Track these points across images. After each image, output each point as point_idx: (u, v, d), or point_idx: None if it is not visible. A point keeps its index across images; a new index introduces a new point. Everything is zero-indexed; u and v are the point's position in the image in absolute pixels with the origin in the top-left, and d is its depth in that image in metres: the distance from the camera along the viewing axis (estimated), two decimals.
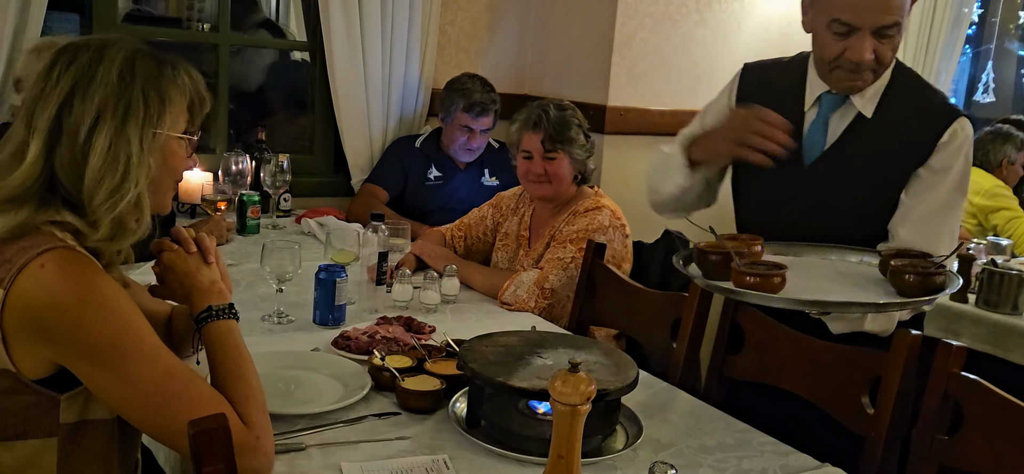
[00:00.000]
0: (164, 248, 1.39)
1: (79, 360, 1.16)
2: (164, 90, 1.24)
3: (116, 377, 1.16)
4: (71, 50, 1.22)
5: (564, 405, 1.10)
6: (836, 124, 1.74)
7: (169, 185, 1.31)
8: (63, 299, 1.13)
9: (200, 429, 0.94)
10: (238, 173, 2.82)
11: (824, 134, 1.75)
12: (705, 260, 1.55)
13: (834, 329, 1.69)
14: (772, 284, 1.44)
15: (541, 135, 2.38)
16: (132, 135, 1.20)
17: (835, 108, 1.74)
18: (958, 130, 1.67)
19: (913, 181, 1.68)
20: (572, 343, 1.59)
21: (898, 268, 1.51)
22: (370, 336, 1.79)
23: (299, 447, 1.34)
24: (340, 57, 3.12)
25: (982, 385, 1.44)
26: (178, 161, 1.29)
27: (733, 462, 1.43)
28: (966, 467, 1.45)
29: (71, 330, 1.14)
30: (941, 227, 1.69)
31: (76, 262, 1.16)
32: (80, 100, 1.18)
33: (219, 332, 1.32)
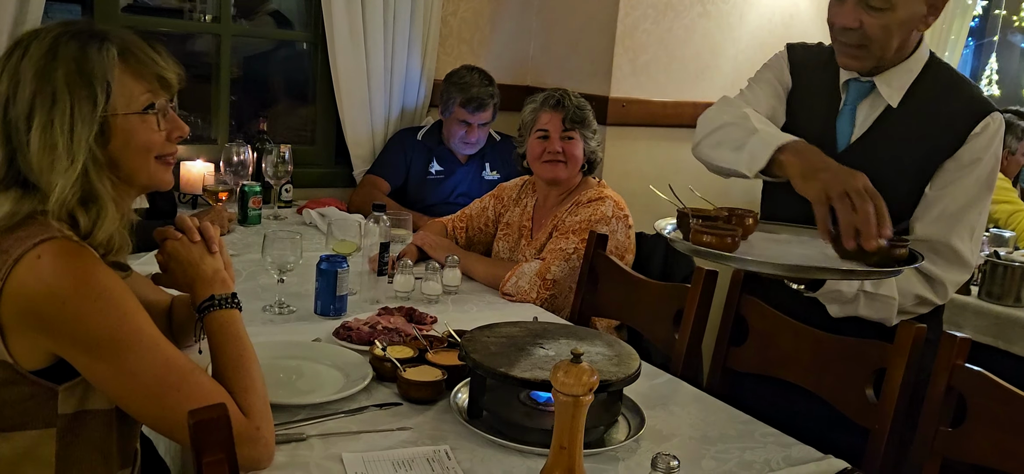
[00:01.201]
0: (167, 236, 1.39)
1: (77, 351, 1.16)
2: (93, 72, 1.18)
3: (114, 368, 1.16)
4: (11, 47, 1.21)
5: (566, 396, 1.09)
6: (864, 113, 1.71)
7: (144, 163, 1.25)
8: (61, 290, 1.12)
9: (200, 419, 0.94)
10: (239, 164, 2.81)
11: (852, 122, 1.72)
12: (684, 223, 1.53)
13: (833, 313, 1.66)
14: (726, 243, 1.41)
15: (562, 114, 2.40)
16: (59, 125, 1.16)
17: (862, 96, 1.72)
18: (990, 123, 1.63)
19: (938, 174, 1.64)
20: (574, 334, 1.59)
21: None
22: (371, 326, 1.78)
23: (300, 437, 1.34)
24: (342, 47, 3.11)
25: (986, 377, 1.44)
26: (144, 137, 1.24)
27: (736, 453, 1.42)
28: (970, 459, 1.44)
29: (69, 321, 1.13)
30: (962, 222, 1.65)
31: (73, 253, 1.15)
32: (13, 98, 1.19)
33: (221, 321, 1.32)
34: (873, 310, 1.66)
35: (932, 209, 1.65)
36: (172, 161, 1.30)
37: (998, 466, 1.39)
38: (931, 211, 1.65)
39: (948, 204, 1.64)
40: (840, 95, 1.75)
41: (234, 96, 3.28)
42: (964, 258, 1.66)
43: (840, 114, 1.74)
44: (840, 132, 1.74)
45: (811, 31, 3.38)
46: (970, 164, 1.63)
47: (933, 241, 1.64)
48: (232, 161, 2.80)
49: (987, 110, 1.65)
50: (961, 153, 1.63)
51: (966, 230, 1.66)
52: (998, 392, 1.41)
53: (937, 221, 1.64)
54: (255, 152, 2.93)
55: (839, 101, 1.75)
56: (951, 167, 1.64)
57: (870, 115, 1.71)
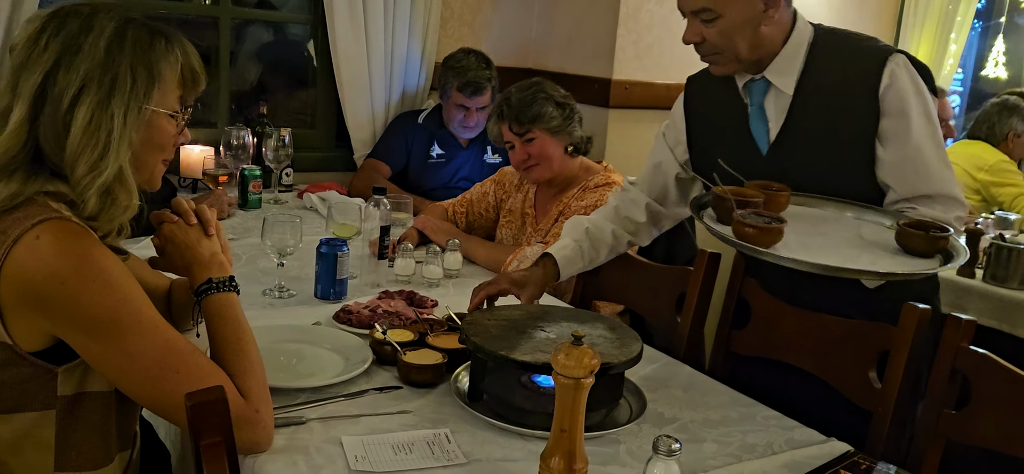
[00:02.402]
0: (164, 219, 1.38)
1: (76, 332, 1.15)
2: (154, 65, 1.20)
3: (113, 350, 1.15)
4: (61, 16, 1.19)
5: (567, 378, 1.09)
6: (773, 108, 1.71)
7: (155, 161, 1.27)
8: (60, 270, 1.11)
9: (197, 402, 0.93)
10: (239, 147, 2.80)
11: (765, 121, 1.73)
12: (720, 205, 1.52)
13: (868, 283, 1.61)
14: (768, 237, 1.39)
15: (507, 122, 2.35)
16: (116, 109, 1.16)
17: (763, 93, 1.72)
18: (895, 68, 1.61)
19: (882, 135, 1.62)
20: (575, 317, 1.58)
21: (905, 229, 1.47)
22: (372, 310, 1.77)
23: (300, 420, 1.33)
24: (342, 31, 3.09)
25: (991, 359, 1.43)
26: (165, 138, 1.26)
27: (738, 436, 1.41)
28: (974, 442, 1.43)
29: (68, 302, 1.12)
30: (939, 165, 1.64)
31: (73, 233, 1.14)
32: (65, 69, 1.16)
33: (219, 305, 1.31)
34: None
35: (903, 169, 1.63)
36: (167, 164, 1.31)
37: (1002, 449, 1.38)
38: (904, 171, 1.63)
39: (915, 158, 1.62)
40: (743, 101, 1.76)
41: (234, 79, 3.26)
42: (958, 196, 1.66)
43: (751, 118, 1.75)
44: (757, 135, 1.74)
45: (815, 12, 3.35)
46: (901, 115, 1.61)
47: (927, 195, 1.63)
48: (232, 145, 2.79)
49: (883, 59, 1.62)
50: (886, 109, 1.62)
51: (946, 170, 1.65)
52: (1003, 374, 1.40)
53: (919, 178, 1.62)
54: (255, 136, 2.91)
55: (746, 107, 1.75)
56: (889, 126, 1.62)
57: (779, 109, 1.71)
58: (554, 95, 2.36)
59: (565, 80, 3.14)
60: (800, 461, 1.33)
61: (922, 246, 1.46)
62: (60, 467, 1.21)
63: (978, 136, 3.76)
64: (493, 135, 2.45)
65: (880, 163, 1.64)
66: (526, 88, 2.37)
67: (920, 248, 1.46)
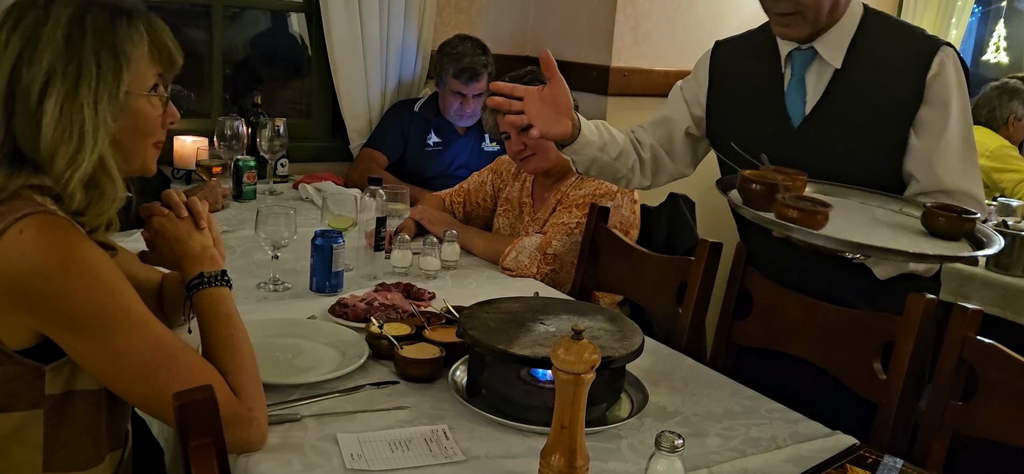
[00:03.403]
0: (154, 213, 1.35)
1: (62, 330, 1.12)
2: (119, 46, 1.15)
3: (101, 347, 1.12)
4: (17, 8, 1.15)
5: (567, 374, 1.06)
6: (813, 81, 1.70)
7: (144, 147, 1.23)
8: (44, 266, 1.08)
9: (186, 401, 0.90)
10: (233, 138, 2.76)
11: (803, 93, 1.71)
12: (748, 188, 1.49)
13: (880, 274, 1.63)
14: (815, 220, 1.37)
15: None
16: (85, 99, 1.12)
17: (807, 65, 1.70)
18: (945, 59, 1.61)
19: (918, 124, 1.62)
20: (575, 309, 1.55)
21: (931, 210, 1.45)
22: (368, 303, 1.74)
23: (294, 418, 1.30)
24: (336, 17, 3.05)
25: (998, 349, 1.40)
26: (148, 121, 1.22)
27: (741, 430, 1.39)
28: (980, 434, 1.41)
29: (53, 298, 1.09)
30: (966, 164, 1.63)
31: (58, 227, 1.11)
32: (28, 64, 1.12)
33: (211, 300, 1.28)
34: (922, 264, 1.63)
35: (932, 160, 1.62)
36: (160, 147, 1.27)
37: (1010, 440, 1.36)
38: (932, 163, 1.62)
39: (945, 151, 1.61)
40: (782, 72, 1.73)
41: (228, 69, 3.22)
42: (980, 198, 1.65)
43: (788, 90, 1.72)
44: (792, 107, 1.72)
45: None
46: (942, 106, 1.61)
47: (950, 191, 1.62)
48: (226, 135, 2.75)
49: (935, 48, 1.62)
50: (928, 98, 1.61)
51: (973, 171, 1.64)
52: (1011, 365, 1.37)
53: (945, 172, 1.61)
54: (249, 126, 2.87)
55: (783, 78, 1.73)
56: (928, 115, 1.61)
57: (820, 82, 1.69)
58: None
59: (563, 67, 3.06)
60: (805, 455, 1.31)
61: (947, 228, 1.44)
62: (49, 467, 1.18)
63: (978, 121, 3.72)
64: (488, 126, 2.42)
65: (910, 151, 1.63)
66: (520, 78, 2.32)
67: (945, 229, 1.44)
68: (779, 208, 1.40)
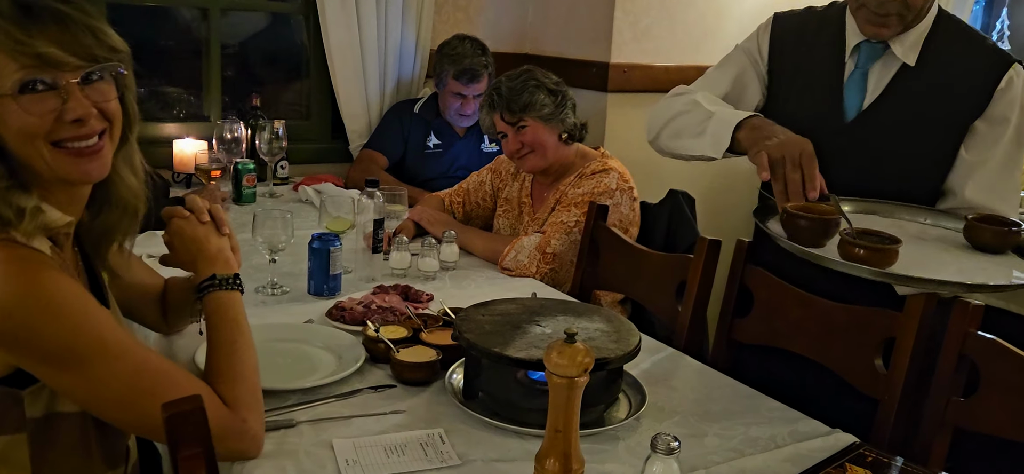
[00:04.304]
0: (175, 215, 1.35)
1: (35, 364, 1.09)
2: None
3: (79, 379, 1.09)
4: None
5: (560, 377, 1.05)
6: (877, 76, 1.65)
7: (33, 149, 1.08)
8: (5, 302, 1.03)
9: (174, 413, 0.89)
10: (232, 141, 2.76)
11: (863, 87, 1.66)
12: (796, 225, 1.45)
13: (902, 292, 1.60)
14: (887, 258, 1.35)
15: (498, 112, 2.31)
16: None
17: (875, 59, 1.65)
18: (1015, 77, 1.58)
19: (971, 135, 1.59)
20: (572, 310, 1.54)
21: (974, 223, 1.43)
22: (365, 306, 1.73)
23: (290, 424, 1.29)
24: (333, 18, 3.04)
25: (999, 344, 1.38)
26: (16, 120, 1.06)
27: (740, 429, 1.38)
28: (983, 430, 1.39)
29: (21, 335, 1.05)
30: (1008, 186, 1.61)
31: (15, 260, 1.06)
32: None
33: (219, 302, 1.28)
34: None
35: (975, 174, 1.59)
36: (82, 149, 1.11)
37: (1013, 436, 1.34)
38: (974, 177, 1.59)
39: (991, 168, 1.59)
40: (845, 62, 1.68)
41: (227, 71, 3.22)
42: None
43: (848, 81, 1.68)
44: (848, 100, 1.67)
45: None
46: (1001, 122, 1.58)
47: (985, 208, 1.59)
48: (225, 138, 2.75)
49: (1009, 62, 1.60)
50: (990, 112, 1.58)
51: (1013, 194, 1.62)
52: (1013, 360, 1.35)
53: (985, 188, 1.58)
54: (248, 128, 2.87)
55: (844, 68, 1.68)
56: (983, 128, 1.58)
57: (883, 78, 1.64)
58: (545, 82, 2.31)
59: (562, 65, 3.10)
60: (804, 454, 1.30)
61: (992, 241, 1.42)
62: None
63: None
64: (485, 126, 2.41)
65: (958, 163, 1.60)
66: (516, 76, 2.31)
67: (991, 243, 1.43)
68: (845, 248, 1.37)
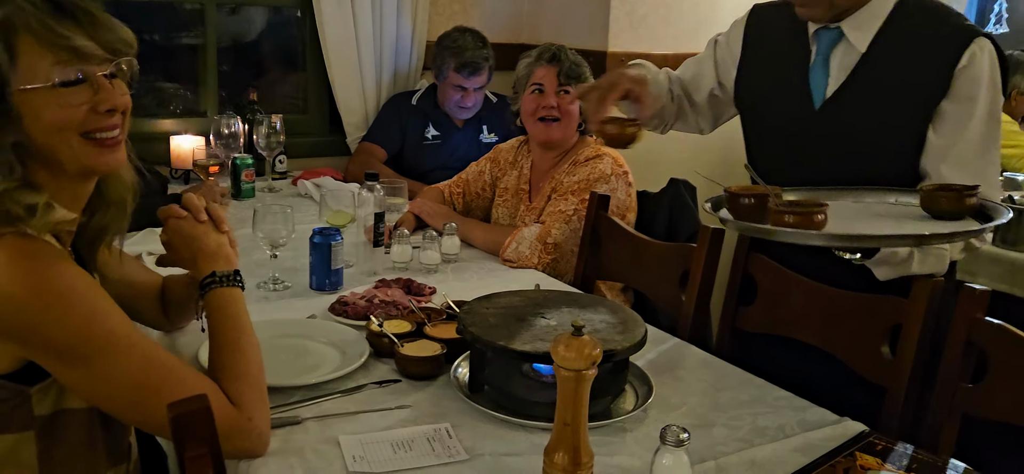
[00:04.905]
0: (172, 214, 1.33)
1: (47, 358, 1.09)
2: None
3: (88, 373, 1.09)
4: None
5: (569, 371, 1.04)
6: (838, 63, 1.64)
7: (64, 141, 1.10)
8: (16, 296, 1.03)
9: (180, 412, 0.88)
10: (230, 136, 2.74)
11: (826, 74, 1.65)
12: (736, 203, 1.45)
13: (881, 276, 1.57)
14: (814, 222, 1.33)
15: (557, 68, 2.33)
16: None
17: (833, 45, 1.64)
18: (977, 52, 1.53)
19: (938, 117, 1.55)
20: (576, 301, 1.53)
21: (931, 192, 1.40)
22: (368, 300, 1.72)
23: (295, 420, 1.28)
24: (328, 10, 3.02)
25: (1007, 330, 1.38)
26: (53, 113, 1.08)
27: (748, 419, 1.37)
28: (992, 416, 1.39)
29: (31, 329, 1.05)
30: (986, 165, 1.56)
31: (27, 252, 1.06)
32: None
33: (221, 300, 1.26)
34: (927, 265, 1.57)
35: (948, 156, 1.55)
36: (108, 140, 1.14)
37: (1021, 422, 1.34)
38: (948, 159, 1.55)
39: (963, 149, 1.54)
40: (810, 48, 1.68)
41: (223, 66, 3.20)
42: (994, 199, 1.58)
43: (812, 68, 1.67)
44: (814, 87, 1.67)
45: None
46: (967, 101, 1.53)
47: None
48: (222, 133, 2.73)
49: (970, 38, 1.53)
50: (954, 91, 1.53)
51: (991, 172, 1.58)
52: (1021, 345, 1.34)
53: (962, 169, 1.53)
54: (246, 123, 2.85)
55: (809, 55, 1.68)
56: (950, 109, 1.54)
57: (845, 64, 1.63)
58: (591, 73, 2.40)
59: None
60: (813, 444, 1.29)
61: (950, 207, 1.38)
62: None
63: None
64: (521, 74, 2.41)
65: (927, 147, 1.56)
66: (574, 53, 2.41)
67: (948, 209, 1.38)
68: (773, 216, 1.36)
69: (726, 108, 1.91)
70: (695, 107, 1.93)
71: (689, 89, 1.93)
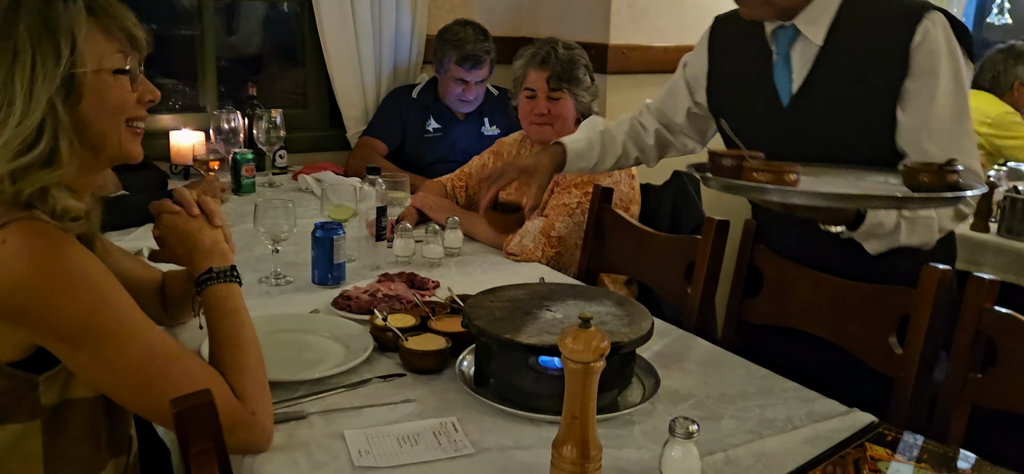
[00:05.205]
0: (164, 210, 1.32)
1: (54, 341, 1.09)
2: (58, 26, 1.09)
3: (96, 357, 1.09)
4: None
5: (577, 363, 1.03)
6: (799, 59, 1.63)
7: (114, 125, 1.15)
8: (29, 278, 1.04)
9: (184, 408, 0.87)
10: (230, 131, 2.73)
11: (789, 71, 1.65)
12: (718, 165, 1.44)
13: (872, 249, 1.56)
14: (787, 179, 1.33)
15: (547, 72, 2.30)
16: (18, 81, 1.06)
17: (791, 42, 1.64)
18: (929, 26, 1.52)
19: (904, 97, 1.54)
20: (581, 294, 1.52)
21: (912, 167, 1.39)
22: (371, 294, 1.71)
23: (300, 415, 1.27)
24: (327, 5, 3.00)
25: (1017, 319, 1.37)
26: (115, 99, 1.14)
27: (756, 411, 1.36)
28: (1002, 406, 1.38)
29: (42, 311, 1.06)
30: (961, 136, 1.55)
31: (41, 235, 1.06)
32: None
33: (219, 296, 1.25)
34: (916, 236, 1.55)
35: (920, 135, 1.54)
36: (141, 130, 1.21)
37: None
38: (921, 137, 1.54)
39: (934, 126, 1.53)
40: (770, 49, 1.68)
41: (222, 61, 3.18)
42: (976, 170, 1.57)
43: (775, 67, 1.67)
44: (780, 86, 1.66)
45: None
46: (929, 76, 1.52)
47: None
48: (222, 129, 2.72)
49: (920, 14, 1.53)
50: (914, 70, 1.52)
51: (969, 143, 1.56)
52: None
53: (934, 146, 1.51)
54: (245, 118, 2.84)
55: (771, 55, 1.67)
56: (914, 87, 1.53)
57: (805, 60, 1.62)
58: (589, 67, 2.37)
59: None
60: (822, 435, 1.28)
61: (931, 183, 1.36)
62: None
63: (982, 86, 3.65)
64: (517, 74, 2.38)
65: (899, 127, 1.55)
66: (569, 47, 2.36)
67: (930, 186, 1.37)
68: (748, 174, 1.36)
69: (708, 123, 1.92)
70: (677, 129, 1.96)
71: (667, 114, 1.95)
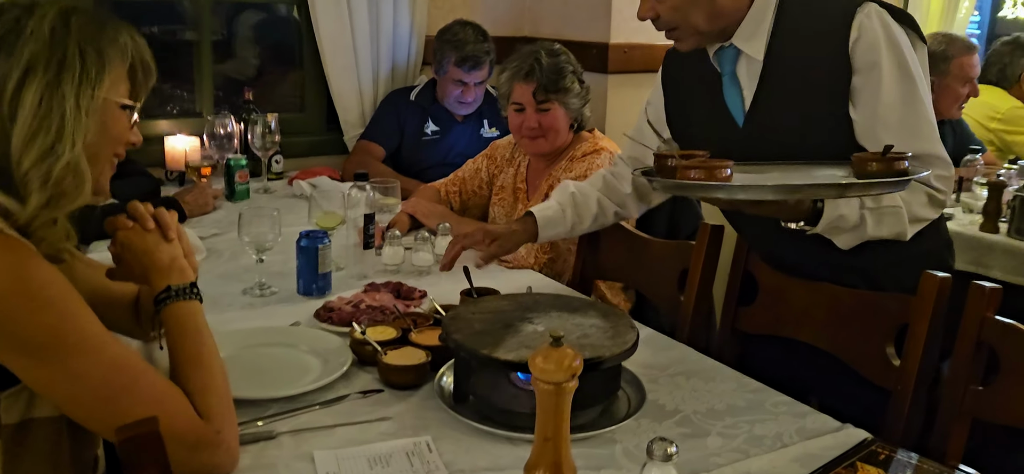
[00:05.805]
0: (119, 226, 1.28)
1: (15, 356, 1.06)
2: (102, 48, 1.12)
3: (57, 373, 1.06)
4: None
5: (547, 383, 0.98)
6: (745, 76, 1.59)
7: (106, 156, 1.18)
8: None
9: (128, 437, 0.83)
10: (225, 136, 2.70)
11: (739, 90, 1.61)
12: (662, 166, 1.41)
13: (842, 244, 1.51)
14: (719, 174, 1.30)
15: (533, 86, 2.22)
16: (67, 91, 1.08)
17: (734, 61, 1.61)
18: (864, 20, 1.48)
19: (854, 95, 1.50)
20: (566, 305, 1.47)
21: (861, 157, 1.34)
22: (355, 306, 1.67)
23: (269, 435, 1.23)
24: (323, 7, 2.97)
25: (1020, 329, 1.31)
26: (119, 130, 1.17)
27: (744, 427, 1.31)
28: (1003, 419, 1.32)
29: (3, 324, 1.03)
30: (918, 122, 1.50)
31: (3, 247, 1.04)
32: (6, 56, 1.07)
33: (179, 314, 1.21)
34: (884, 227, 1.50)
35: (875, 128, 1.49)
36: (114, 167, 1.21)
37: None
38: (876, 130, 1.48)
39: (886, 116, 1.48)
40: (717, 71, 1.64)
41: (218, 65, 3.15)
42: (940, 154, 1.51)
43: (725, 89, 1.63)
44: (732, 106, 1.63)
45: None
46: (872, 68, 1.48)
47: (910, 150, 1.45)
48: (217, 134, 2.70)
49: (853, 11, 1.49)
50: (857, 66, 1.49)
51: (923, 126, 1.50)
52: None
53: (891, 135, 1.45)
54: (241, 123, 2.81)
55: (719, 78, 1.63)
56: (860, 83, 1.49)
57: (751, 76, 1.58)
58: (577, 71, 2.28)
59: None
60: (813, 453, 1.22)
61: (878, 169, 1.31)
62: None
63: (989, 80, 3.57)
64: (503, 89, 2.32)
65: (855, 125, 1.51)
66: (554, 54, 2.26)
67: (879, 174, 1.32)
68: (682, 173, 1.32)
69: None
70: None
71: (640, 160, 1.87)
